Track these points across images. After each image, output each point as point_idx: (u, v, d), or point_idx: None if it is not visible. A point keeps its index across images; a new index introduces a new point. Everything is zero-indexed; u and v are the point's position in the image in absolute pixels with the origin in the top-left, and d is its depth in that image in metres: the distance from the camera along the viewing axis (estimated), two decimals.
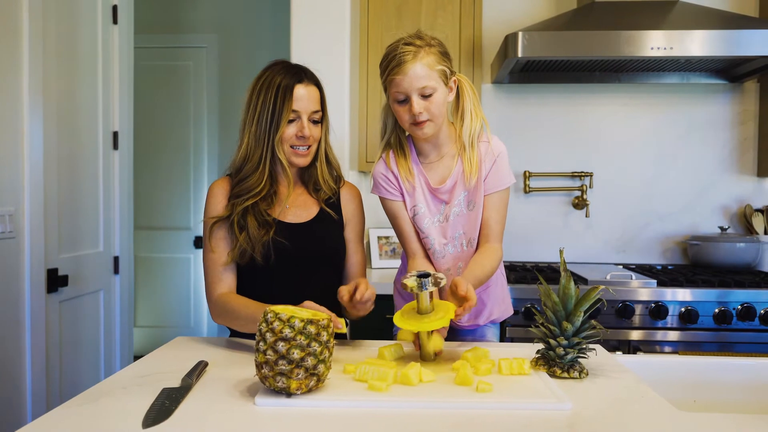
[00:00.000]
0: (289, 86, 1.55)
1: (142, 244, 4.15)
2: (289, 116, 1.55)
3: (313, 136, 1.59)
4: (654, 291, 2.34)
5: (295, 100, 1.55)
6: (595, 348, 1.28)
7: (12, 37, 2.20)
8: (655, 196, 2.90)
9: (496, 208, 1.59)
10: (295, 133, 1.56)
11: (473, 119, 1.55)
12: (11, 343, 2.22)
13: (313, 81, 1.61)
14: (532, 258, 2.93)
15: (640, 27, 2.42)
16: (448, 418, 1.00)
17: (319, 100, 1.61)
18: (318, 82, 1.63)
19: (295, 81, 1.56)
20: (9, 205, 2.20)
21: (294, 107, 1.55)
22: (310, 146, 1.60)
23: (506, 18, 2.88)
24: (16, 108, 2.23)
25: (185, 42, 4.04)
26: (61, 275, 2.47)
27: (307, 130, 1.56)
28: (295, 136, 1.56)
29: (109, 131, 2.86)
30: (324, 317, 1.10)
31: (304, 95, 1.56)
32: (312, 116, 1.58)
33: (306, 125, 1.56)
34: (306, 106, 1.56)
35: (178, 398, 1.06)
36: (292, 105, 1.54)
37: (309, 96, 1.57)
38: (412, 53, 1.44)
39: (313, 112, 1.58)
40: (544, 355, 1.24)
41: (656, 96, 2.89)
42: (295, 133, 1.56)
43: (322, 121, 1.63)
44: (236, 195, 1.57)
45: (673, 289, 2.34)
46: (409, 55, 1.44)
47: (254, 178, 1.57)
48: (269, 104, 1.55)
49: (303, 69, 1.62)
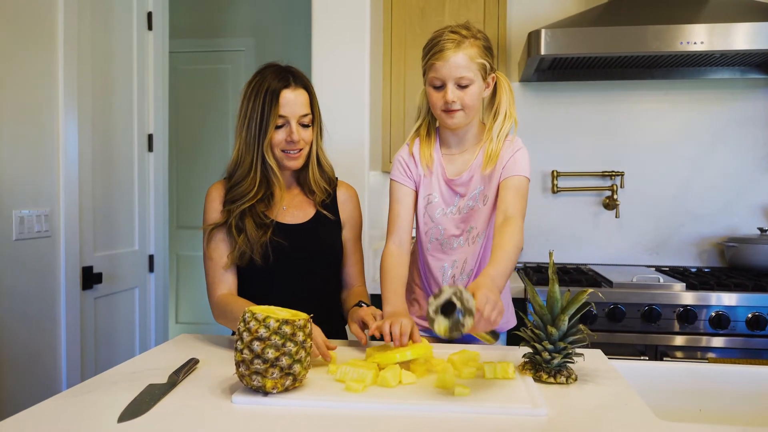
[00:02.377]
0: (275, 91, 1.55)
1: (184, 242, 4.29)
2: (277, 122, 1.55)
3: (304, 139, 1.59)
4: (682, 294, 2.26)
5: (282, 106, 1.55)
6: (583, 353, 1.25)
7: (48, 44, 2.30)
8: (690, 196, 2.80)
9: (515, 189, 1.50)
10: (284, 138, 1.57)
11: (507, 118, 1.55)
12: (47, 338, 2.33)
13: (301, 84, 1.60)
14: (559, 259, 2.88)
15: (669, 21, 2.34)
16: (416, 421, 0.99)
17: (308, 103, 1.60)
18: (307, 84, 1.62)
19: (282, 86, 1.56)
20: (45, 206, 2.31)
21: (281, 112, 1.55)
22: (302, 149, 1.60)
23: (533, 15, 2.83)
24: (52, 113, 2.33)
25: (224, 46, 4.14)
26: (95, 273, 2.58)
27: (296, 135, 1.56)
28: (285, 141, 1.57)
29: (144, 134, 2.96)
30: (302, 317, 1.11)
31: (291, 100, 1.56)
32: (301, 120, 1.58)
33: (295, 130, 1.56)
34: (293, 110, 1.56)
35: (160, 395, 1.10)
36: (279, 110, 1.55)
37: (296, 100, 1.56)
38: (456, 42, 1.46)
39: (302, 116, 1.58)
40: (532, 359, 1.22)
41: (691, 92, 2.78)
42: (284, 138, 1.57)
43: (313, 124, 1.62)
44: (230, 200, 1.60)
45: (703, 293, 2.25)
46: (452, 43, 1.46)
47: (246, 183, 1.59)
48: (258, 110, 1.55)
49: (291, 71, 1.61)
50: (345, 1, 2.47)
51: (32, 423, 0.98)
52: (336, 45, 2.45)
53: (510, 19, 2.82)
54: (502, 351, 1.45)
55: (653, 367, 1.39)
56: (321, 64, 2.44)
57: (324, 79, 2.43)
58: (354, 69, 2.44)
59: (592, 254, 2.87)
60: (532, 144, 2.81)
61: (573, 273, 2.58)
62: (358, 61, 2.44)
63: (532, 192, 2.87)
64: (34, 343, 2.25)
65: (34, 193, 2.25)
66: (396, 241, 1.59)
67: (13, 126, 2.13)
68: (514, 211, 1.48)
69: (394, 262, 1.55)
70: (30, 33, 2.21)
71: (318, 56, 2.47)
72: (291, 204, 1.67)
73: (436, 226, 1.61)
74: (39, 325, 2.28)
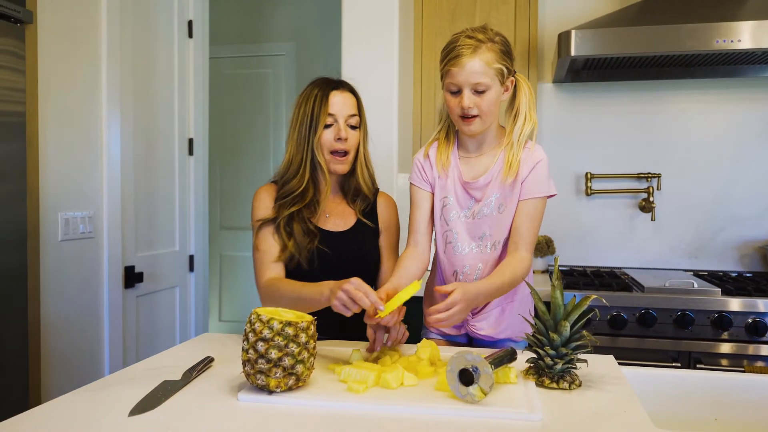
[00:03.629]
0: (325, 93, 1.64)
1: (228, 243, 4.41)
2: (326, 120, 1.62)
3: (351, 140, 1.65)
4: (718, 300, 2.20)
5: (330, 105, 1.63)
6: (587, 359, 1.24)
7: (91, 53, 2.42)
8: (730, 199, 2.72)
9: (530, 216, 1.54)
10: (333, 137, 1.63)
11: (526, 121, 1.54)
12: (91, 334, 2.45)
13: (348, 89, 1.69)
14: (592, 263, 2.84)
15: (705, 20, 2.28)
16: (410, 422, 1.02)
17: (355, 105, 1.67)
18: (354, 91, 1.71)
19: (331, 88, 1.65)
20: (89, 208, 2.43)
21: (330, 111, 1.63)
22: (348, 153, 1.65)
23: (566, 15, 2.80)
24: (95, 119, 2.45)
25: (265, 51, 4.24)
26: (137, 272, 2.69)
27: (344, 133, 1.62)
28: (334, 139, 1.62)
29: (185, 138, 3.07)
30: (306, 320, 1.15)
31: (339, 100, 1.64)
32: (349, 120, 1.65)
33: (343, 128, 1.63)
34: (341, 109, 1.64)
35: (172, 391, 1.16)
36: (328, 109, 1.62)
37: (344, 101, 1.65)
38: (472, 48, 1.45)
39: (350, 116, 1.65)
40: (535, 364, 1.22)
41: (733, 91, 2.70)
42: (333, 137, 1.63)
43: (360, 127, 1.69)
44: (281, 197, 1.66)
45: (739, 299, 2.18)
46: (468, 49, 1.45)
47: (295, 180, 1.65)
48: (308, 112, 1.63)
49: (341, 81, 1.71)
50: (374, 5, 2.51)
51: (49, 415, 1.05)
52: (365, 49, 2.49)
53: (543, 20, 2.80)
54: None
55: (668, 374, 1.37)
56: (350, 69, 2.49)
57: (353, 83, 2.47)
58: (383, 73, 2.48)
59: (629, 258, 2.82)
60: (565, 145, 2.82)
61: (605, 277, 2.54)
62: (386, 64, 2.47)
63: (565, 194, 2.85)
64: (79, 339, 2.37)
65: (78, 196, 2.37)
66: (412, 243, 1.62)
67: (58, 132, 2.25)
68: (525, 243, 1.53)
69: (408, 262, 1.57)
70: (74, 42, 2.32)
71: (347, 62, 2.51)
72: (333, 211, 1.72)
73: (451, 230, 1.61)
74: (83, 321, 2.40)
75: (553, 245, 2.80)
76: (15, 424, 1.00)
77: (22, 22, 2.02)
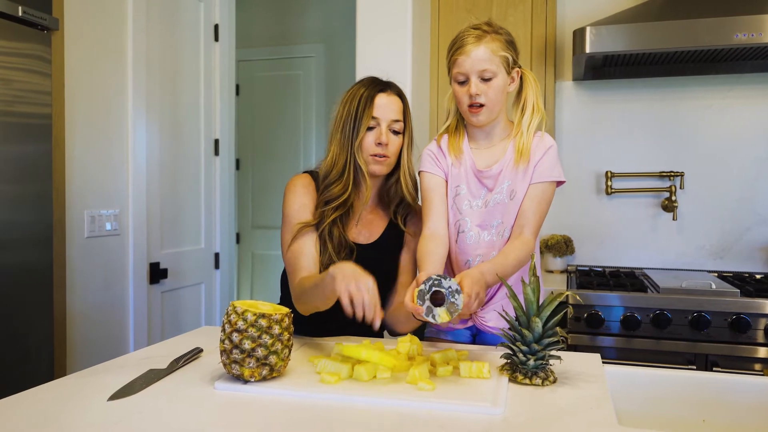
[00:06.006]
0: (371, 95, 1.61)
1: (259, 242, 4.50)
2: (369, 123, 1.59)
3: (392, 144, 1.61)
4: (735, 301, 2.14)
5: (375, 107, 1.59)
6: (560, 356, 1.23)
7: (118, 56, 2.53)
8: (757, 198, 2.63)
9: (537, 200, 1.54)
10: (374, 140, 1.59)
11: (534, 112, 1.55)
12: (116, 327, 2.55)
13: (395, 92, 1.64)
14: (612, 263, 2.79)
15: (723, 14, 2.22)
16: (370, 413, 1.04)
17: (401, 110, 1.63)
18: (401, 94, 1.66)
19: (377, 90, 1.62)
20: (115, 207, 2.53)
21: (374, 114, 1.59)
22: (388, 157, 1.61)
23: (585, 12, 2.76)
24: (122, 120, 2.56)
25: (295, 53, 4.32)
26: (162, 268, 2.79)
27: (385, 137, 1.58)
28: (374, 143, 1.59)
29: (211, 139, 3.16)
30: (281, 312, 1.19)
31: (384, 103, 1.60)
32: (392, 125, 1.60)
33: (384, 132, 1.59)
34: (385, 113, 1.60)
35: (155, 378, 1.21)
36: (372, 112, 1.59)
37: (389, 104, 1.60)
38: (477, 36, 1.48)
39: (393, 121, 1.60)
40: (510, 360, 1.23)
41: (760, 87, 2.61)
42: (374, 140, 1.59)
43: (404, 134, 1.64)
44: (324, 201, 1.62)
45: (759, 300, 2.12)
46: (473, 38, 1.48)
47: (339, 185, 1.61)
48: (352, 113, 1.60)
49: (389, 83, 1.67)
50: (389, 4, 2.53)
51: (34, 398, 1.12)
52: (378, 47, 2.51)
53: (561, 18, 2.77)
54: (484, 350, 1.46)
55: (655, 374, 1.35)
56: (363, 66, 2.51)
57: None
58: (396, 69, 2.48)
59: (651, 259, 2.76)
60: (585, 144, 2.78)
61: (622, 277, 2.50)
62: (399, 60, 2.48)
63: (586, 193, 2.81)
64: (104, 333, 2.48)
65: (104, 195, 2.47)
66: (431, 227, 1.57)
67: (85, 133, 2.36)
68: (530, 226, 1.52)
69: (428, 243, 1.53)
70: (100, 47, 2.43)
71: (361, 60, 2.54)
72: (363, 221, 1.69)
73: (464, 218, 1.60)
74: (108, 316, 2.51)
75: (572, 245, 2.76)
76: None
77: (48, 29, 2.12)
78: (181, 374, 1.26)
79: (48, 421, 1.01)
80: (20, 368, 2.00)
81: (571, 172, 2.84)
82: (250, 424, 1.00)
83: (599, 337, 2.23)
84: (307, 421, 1.02)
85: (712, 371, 2.12)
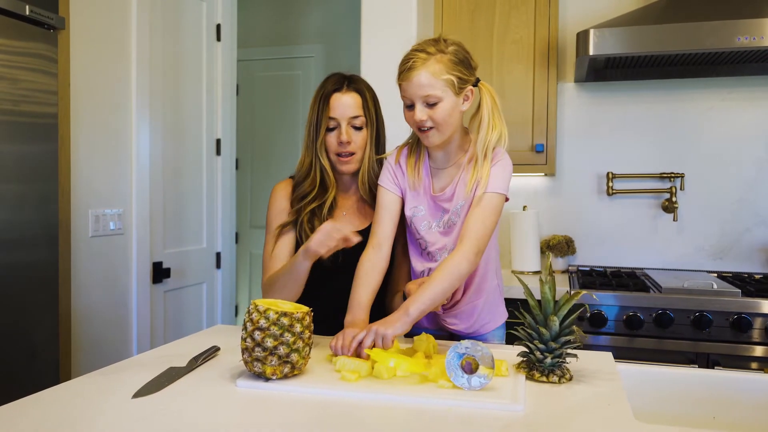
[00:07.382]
0: (327, 95, 1.64)
1: (258, 241, 4.50)
2: (328, 124, 1.63)
3: (355, 142, 1.64)
4: (736, 301, 2.17)
5: (332, 108, 1.62)
6: (576, 354, 1.25)
7: (121, 57, 2.53)
8: (757, 199, 2.66)
9: (482, 209, 1.46)
10: (335, 140, 1.63)
11: (490, 130, 1.49)
12: (120, 326, 2.56)
13: (354, 88, 1.65)
14: (613, 263, 2.82)
15: (725, 17, 2.25)
16: (391, 410, 1.06)
17: (359, 106, 1.64)
18: (361, 89, 1.67)
19: (334, 89, 1.64)
20: (119, 206, 2.53)
21: (331, 114, 1.62)
22: (354, 153, 1.65)
23: (588, 14, 2.79)
24: (125, 120, 2.56)
25: (295, 53, 4.33)
26: (165, 268, 2.79)
27: (345, 136, 1.62)
28: (336, 143, 1.63)
29: (213, 139, 3.16)
30: (302, 311, 1.20)
31: (339, 103, 1.62)
32: (352, 122, 1.63)
33: (345, 131, 1.62)
34: (343, 112, 1.62)
35: (176, 376, 1.22)
36: (329, 112, 1.62)
37: (346, 103, 1.62)
38: (421, 60, 1.42)
39: (352, 118, 1.63)
40: (527, 358, 1.25)
41: (760, 90, 2.65)
42: (335, 140, 1.63)
43: (367, 128, 1.66)
44: (296, 198, 1.69)
45: (760, 300, 2.15)
46: (417, 62, 1.42)
47: (306, 183, 1.68)
48: (314, 114, 1.65)
49: (349, 77, 1.68)
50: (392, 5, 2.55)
51: (57, 396, 1.12)
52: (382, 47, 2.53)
53: (564, 20, 2.80)
54: (501, 349, 1.48)
55: (666, 372, 1.37)
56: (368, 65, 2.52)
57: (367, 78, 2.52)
58: None
59: (652, 259, 2.79)
60: (586, 145, 2.81)
61: (623, 277, 2.53)
62: None
63: (587, 194, 2.84)
64: (108, 331, 2.48)
65: (108, 194, 2.47)
66: (375, 245, 1.56)
67: (90, 132, 2.36)
68: (471, 238, 1.44)
69: (368, 267, 1.53)
70: (105, 46, 2.43)
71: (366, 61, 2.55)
72: (351, 209, 1.72)
73: (421, 238, 1.58)
74: (112, 314, 2.51)
75: (573, 245, 2.79)
76: (24, 405, 1.07)
77: (55, 29, 2.12)
78: (201, 372, 1.27)
79: (75, 418, 1.02)
80: (26, 366, 2.00)
81: (572, 173, 2.87)
82: (273, 422, 1.01)
83: (602, 337, 2.26)
84: (329, 419, 1.03)
85: (714, 369, 2.15)
